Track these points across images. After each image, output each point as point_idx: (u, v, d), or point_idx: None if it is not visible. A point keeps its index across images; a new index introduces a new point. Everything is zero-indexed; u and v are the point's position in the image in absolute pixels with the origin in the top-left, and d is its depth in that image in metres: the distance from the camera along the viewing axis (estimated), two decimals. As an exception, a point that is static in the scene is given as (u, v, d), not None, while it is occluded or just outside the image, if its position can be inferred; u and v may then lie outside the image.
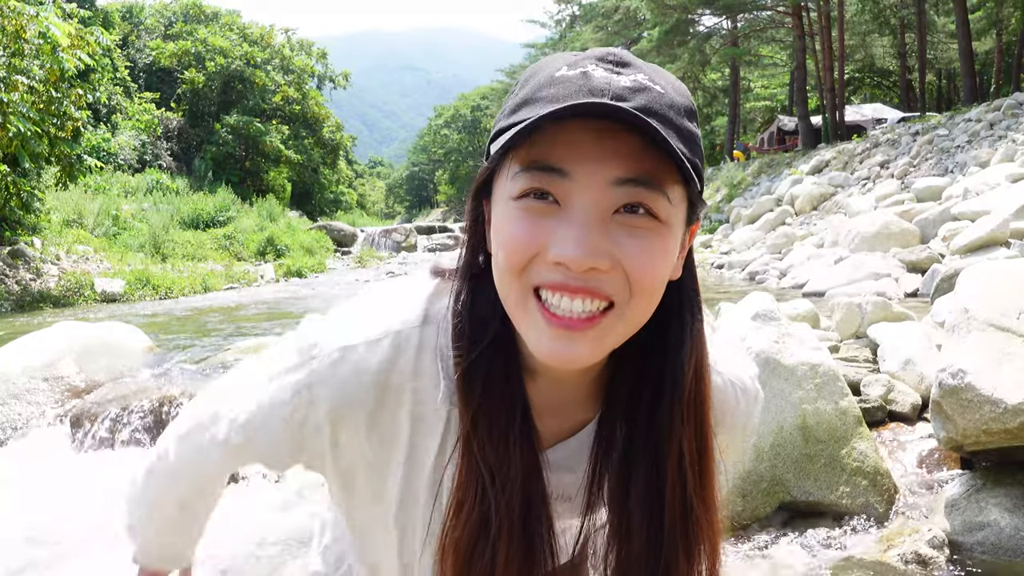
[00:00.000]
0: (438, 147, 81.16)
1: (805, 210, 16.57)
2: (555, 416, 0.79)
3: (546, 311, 0.65)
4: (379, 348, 0.76)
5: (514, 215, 0.65)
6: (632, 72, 0.65)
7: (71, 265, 12.19)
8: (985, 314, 2.65)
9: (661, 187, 0.64)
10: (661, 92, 0.64)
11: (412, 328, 0.77)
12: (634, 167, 0.63)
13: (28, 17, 9.60)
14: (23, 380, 4.22)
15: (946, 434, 2.63)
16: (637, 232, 0.64)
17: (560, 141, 0.63)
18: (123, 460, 3.80)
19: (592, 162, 0.62)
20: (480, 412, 0.72)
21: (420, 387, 0.76)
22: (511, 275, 0.66)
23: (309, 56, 37.48)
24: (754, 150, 33.89)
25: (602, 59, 0.66)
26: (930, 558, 2.43)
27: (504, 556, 0.73)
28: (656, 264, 0.65)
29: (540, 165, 0.63)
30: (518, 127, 0.62)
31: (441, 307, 0.77)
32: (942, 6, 32.67)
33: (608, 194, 0.63)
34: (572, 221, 0.63)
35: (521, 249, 0.65)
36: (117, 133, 25.31)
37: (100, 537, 3.03)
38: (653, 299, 0.68)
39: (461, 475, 0.74)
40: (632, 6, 36.11)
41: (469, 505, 0.73)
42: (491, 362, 0.72)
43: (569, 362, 0.66)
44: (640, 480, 0.75)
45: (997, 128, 15.53)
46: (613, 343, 0.68)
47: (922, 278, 7.75)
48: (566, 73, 0.65)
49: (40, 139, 9.95)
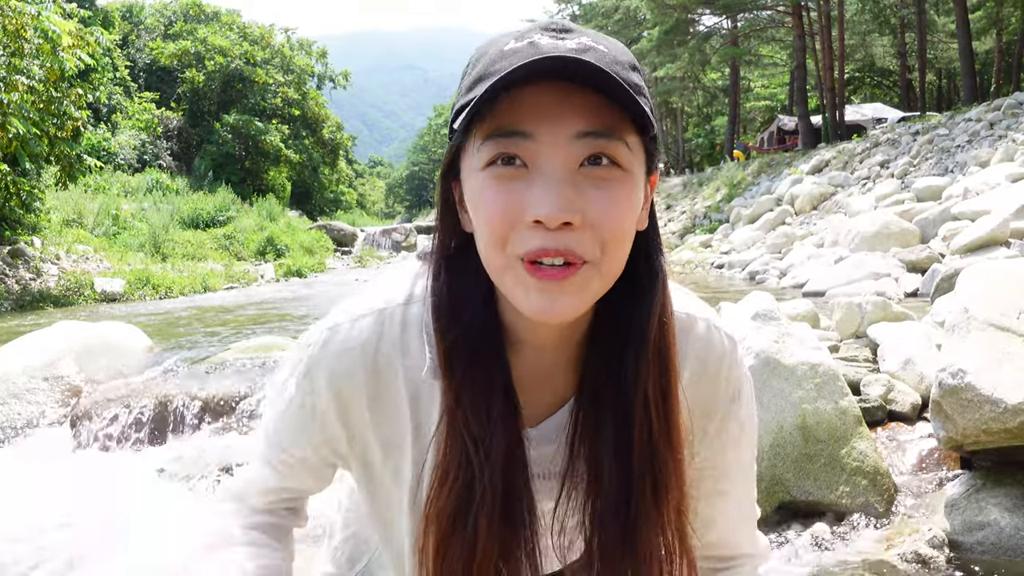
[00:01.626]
0: (438, 147, 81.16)
1: (805, 210, 16.57)
2: (539, 390, 0.82)
3: (530, 266, 0.67)
4: (362, 324, 0.80)
5: (485, 184, 0.68)
6: (575, 36, 0.68)
7: (71, 265, 12.20)
8: (985, 314, 2.65)
9: (620, 136, 0.67)
10: (605, 51, 0.68)
11: (395, 306, 0.80)
12: (593, 120, 0.66)
13: (28, 17, 9.60)
14: (23, 380, 4.23)
15: (946, 434, 2.63)
16: (603, 184, 0.67)
17: (520, 107, 0.66)
18: (123, 460, 3.80)
19: (553, 120, 0.65)
20: (463, 386, 0.75)
21: (410, 364, 0.79)
22: (495, 249, 0.69)
23: (309, 56, 37.47)
24: (754, 150, 33.88)
25: (546, 28, 0.69)
26: (930, 558, 2.43)
27: (486, 526, 0.75)
28: (623, 214, 0.68)
29: (503, 131, 0.66)
30: (477, 97, 0.65)
31: (423, 287, 0.81)
32: (942, 6, 32.67)
33: (572, 148, 0.66)
34: (542, 179, 0.66)
35: (499, 218, 0.67)
36: (117, 133, 25.31)
37: (100, 537, 3.03)
38: (624, 249, 0.71)
39: (445, 446, 0.76)
40: (632, 6, 36.12)
41: (453, 475, 0.75)
42: (473, 337, 0.75)
43: (555, 316, 0.69)
44: (608, 426, 0.78)
45: (997, 128, 15.53)
46: (593, 296, 0.71)
47: (922, 278, 7.75)
48: (514, 45, 0.68)
49: (40, 139, 9.96)
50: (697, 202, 26.06)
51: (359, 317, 0.81)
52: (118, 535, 3.04)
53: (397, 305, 0.81)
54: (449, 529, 0.76)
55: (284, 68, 34.14)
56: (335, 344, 0.80)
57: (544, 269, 0.67)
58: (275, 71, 33.17)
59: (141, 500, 3.34)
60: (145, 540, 2.73)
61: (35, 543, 2.98)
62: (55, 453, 3.86)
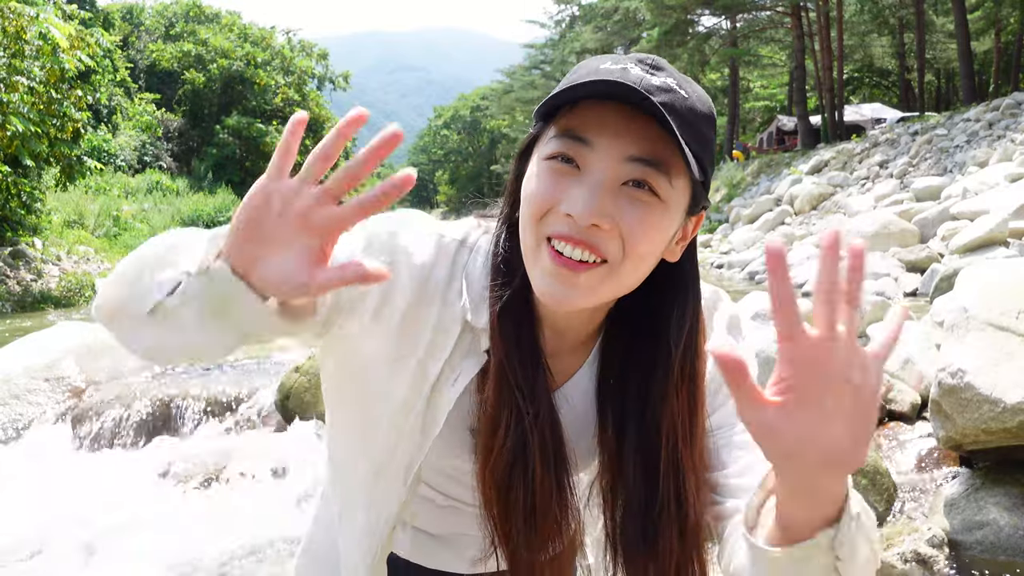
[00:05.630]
0: (438, 147, 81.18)
1: (804, 210, 16.58)
2: (552, 364, 0.88)
3: (553, 251, 0.75)
4: (425, 243, 0.85)
5: (542, 172, 0.76)
6: (664, 76, 0.75)
7: (72, 265, 12.20)
8: (984, 314, 2.66)
9: (666, 171, 0.73)
10: (685, 96, 0.74)
11: (454, 240, 0.87)
12: (646, 149, 0.73)
13: (28, 18, 9.60)
14: (24, 380, 4.23)
15: (945, 433, 2.63)
16: (638, 204, 0.74)
17: (591, 117, 0.74)
18: (124, 460, 3.81)
19: (612, 138, 0.73)
20: (512, 341, 0.82)
21: (449, 297, 0.85)
22: (531, 221, 0.76)
23: (310, 57, 37.48)
24: (753, 150, 33.90)
25: (641, 61, 0.76)
26: (929, 557, 2.43)
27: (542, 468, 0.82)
28: (649, 233, 0.75)
29: (571, 134, 0.74)
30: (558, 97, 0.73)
31: (476, 238, 0.88)
32: (941, 6, 32.69)
33: (620, 167, 0.73)
34: (586, 184, 0.73)
35: (540, 201, 0.75)
36: (117, 134, 25.32)
37: (101, 536, 3.04)
38: (642, 264, 0.77)
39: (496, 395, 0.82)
40: (632, 7, 36.13)
41: (506, 420, 0.81)
42: (521, 299, 0.82)
43: (562, 302, 0.76)
44: (632, 439, 0.85)
45: (996, 128, 15.54)
46: (602, 297, 0.78)
47: (921, 277, 7.76)
48: (608, 67, 0.75)
49: (40, 140, 9.96)
50: (697, 202, 25.99)
51: (424, 235, 0.86)
52: (119, 527, 3.04)
53: (454, 240, 0.87)
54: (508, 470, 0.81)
55: (284, 70, 34.13)
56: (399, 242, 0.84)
57: (563, 257, 0.74)
58: (276, 72, 33.16)
59: (142, 497, 3.34)
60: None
61: (38, 533, 2.99)
62: (56, 453, 3.86)
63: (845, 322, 0.56)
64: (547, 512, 0.83)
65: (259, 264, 0.60)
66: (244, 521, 3.14)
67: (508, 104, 53.78)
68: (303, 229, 0.59)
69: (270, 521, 3.11)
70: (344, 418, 0.96)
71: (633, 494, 0.84)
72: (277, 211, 0.59)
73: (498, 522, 0.84)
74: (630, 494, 0.85)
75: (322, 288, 0.59)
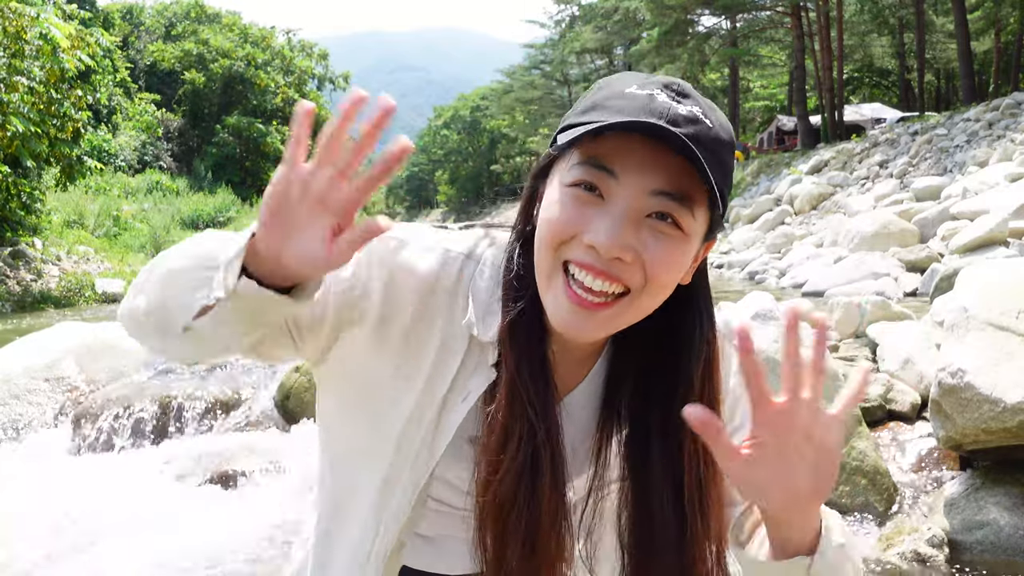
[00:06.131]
0: (438, 148, 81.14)
1: (804, 210, 16.58)
2: (558, 376, 0.87)
3: (568, 287, 0.75)
4: (430, 256, 0.85)
5: (564, 199, 0.76)
6: (690, 104, 0.75)
7: (72, 265, 12.21)
8: (984, 313, 2.66)
9: (690, 205, 0.74)
10: (710, 127, 0.74)
11: (459, 254, 0.87)
12: (672, 183, 0.73)
13: (28, 19, 9.60)
14: (24, 380, 4.23)
15: (945, 433, 2.63)
16: (661, 237, 0.75)
17: (617, 147, 0.73)
18: (123, 460, 3.80)
19: (638, 171, 0.73)
20: (523, 355, 0.81)
21: (455, 310, 0.84)
22: (548, 248, 0.76)
23: (310, 57, 37.46)
24: (753, 150, 33.90)
25: (668, 86, 0.76)
26: (929, 556, 2.44)
27: (550, 485, 0.81)
28: (671, 265, 0.75)
29: (596, 163, 0.74)
30: (587, 127, 0.73)
31: (483, 251, 0.88)
32: (941, 6, 32.69)
33: (645, 200, 0.74)
34: (610, 215, 0.73)
35: (562, 228, 0.75)
36: (117, 134, 25.32)
37: (100, 536, 3.04)
38: (662, 293, 0.78)
39: (508, 409, 0.81)
40: (631, 7, 36.15)
41: (517, 436, 0.80)
42: (532, 314, 0.82)
43: (579, 335, 0.77)
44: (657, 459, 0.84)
45: (996, 128, 15.54)
46: (620, 325, 0.79)
47: (921, 277, 7.76)
48: (635, 91, 0.75)
49: (40, 140, 9.96)
50: (697, 202, 26.01)
51: (428, 248, 0.85)
52: (119, 527, 3.04)
53: (460, 254, 0.86)
54: (515, 487, 0.80)
55: (284, 70, 34.12)
56: (401, 257, 0.84)
57: (580, 296, 0.75)
58: (276, 73, 33.16)
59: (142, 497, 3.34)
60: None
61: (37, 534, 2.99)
62: (56, 453, 3.86)
63: (811, 387, 0.66)
64: (549, 533, 0.82)
65: (285, 247, 0.67)
66: (244, 521, 3.14)
67: (508, 104, 53.80)
68: (322, 210, 0.65)
69: (270, 521, 3.11)
70: (346, 439, 0.93)
71: (659, 513, 0.84)
72: (296, 197, 0.65)
73: (494, 543, 0.82)
74: (655, 513, 0.84)
75: (339, 257, 0.66)
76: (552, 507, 0.81)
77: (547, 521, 0.81)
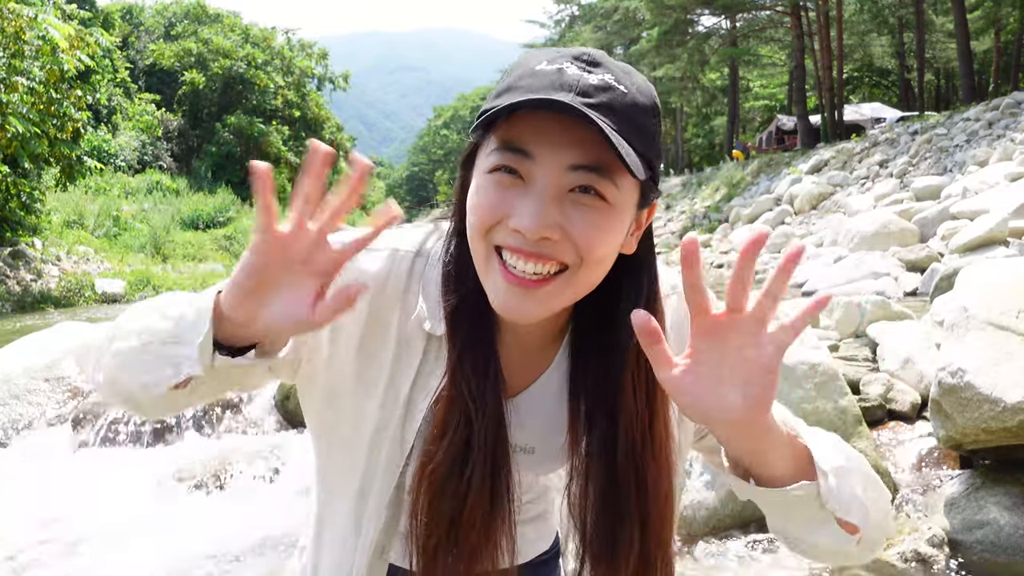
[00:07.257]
0: (438, 147, 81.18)
1: (804, 209, 16.58)
2: (517, 366, 0.88)
3: (505, 269, 0.75)
4: (378, 257, 0.86)
5: (486, 185, 0.75)
6: (601, 72, 0.73)
7: (72, 266, 12.21)
8: (984, 313, 2.66)
9: (611, 175, 0.73)
10: (624, 92, 0.73)
11: (408, 252, 0.87)
12: (588, 156, 0.72)
13: (28, 19, 9.60)
14: (24, 381, 4.23)
15: (945, 433, 2.63)
16: (585, 210, 0.74)
17: (530, 127, 0.72)
18: (124, 460, 3.80)
19: (553, 148, 0.72)
20: (465, 347, 0.81)
21: (408, 307, 0.85)
22: (478, 235, 0.76)
23: (309, 57, 37.47)
24: (753, 149, 33.90)
25: (577, 58, 0.74)
26: (930, 556, 2.43)
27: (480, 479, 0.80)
28: (601, 237, 0.74)
29: (512, 146, 0.73)
30: (493, 110, 0.72)
31: (432, 245, 0.88)
32: (940, 5, 32.68)
33: (564, 177, 0.73)
34: (531, 196, 0.73)
35: (487, 215, 0.75)
36: (117, 134, 25.32)
37: (100, 537, 3.04)
38: (600, 268, 0.77)
39: (448, 402, 0.81)
40: (631, 6, 36.13)
41: (454, 429, 0.80)
42: (473, 304, 0.81)
43: (521, 316, 0.76)
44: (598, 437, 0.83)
45: (996, 127, 15.54)
46: (563, 303, 0.78)
47: (921, 277, 7.76)
48: (544, 67, 0.73)
49: (40, 140, 9.96)
50: (696, 202, 26.07)
51: (376, 251, 0.85)
52: (119, 528, 3.04)
53: (409, 252, 0.87)
54: (444, 479, 0.80)
55: (284, 70, 34.13)
56: (350, 267, 0.82)
57: (516, 276, 0.74)
58: (275, 73, 33.17)
59: (142, 497, 3.34)
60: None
61: (37, 534, 2.99)
62: (56, 453, 3.86)
63: (759, 307, 0.65)
64: (474, 523, 0.81)
65: (263, 311, 0.67)
66: (244, 521, 3.14)
67: (508, 104, 53.72)
68: (307, 274, 0.66)
69: (270, 521, 3.11)
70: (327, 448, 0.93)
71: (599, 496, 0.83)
72: (278, 262, 0.65)
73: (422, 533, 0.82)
74: (597, 496, 0.83)
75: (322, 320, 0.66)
76: (482, 498, 0.80)
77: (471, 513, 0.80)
